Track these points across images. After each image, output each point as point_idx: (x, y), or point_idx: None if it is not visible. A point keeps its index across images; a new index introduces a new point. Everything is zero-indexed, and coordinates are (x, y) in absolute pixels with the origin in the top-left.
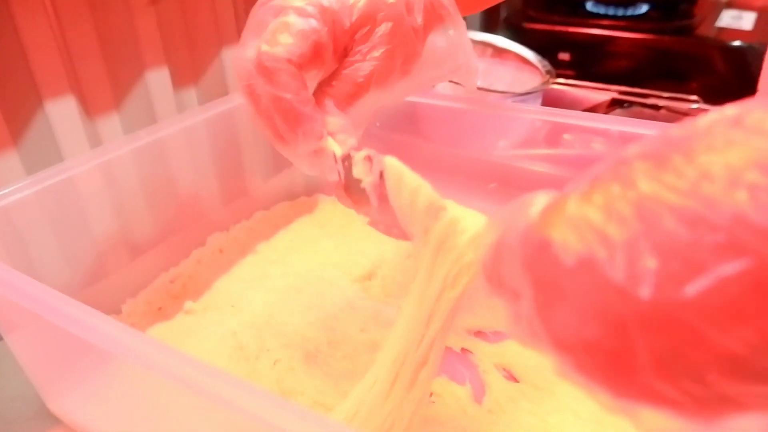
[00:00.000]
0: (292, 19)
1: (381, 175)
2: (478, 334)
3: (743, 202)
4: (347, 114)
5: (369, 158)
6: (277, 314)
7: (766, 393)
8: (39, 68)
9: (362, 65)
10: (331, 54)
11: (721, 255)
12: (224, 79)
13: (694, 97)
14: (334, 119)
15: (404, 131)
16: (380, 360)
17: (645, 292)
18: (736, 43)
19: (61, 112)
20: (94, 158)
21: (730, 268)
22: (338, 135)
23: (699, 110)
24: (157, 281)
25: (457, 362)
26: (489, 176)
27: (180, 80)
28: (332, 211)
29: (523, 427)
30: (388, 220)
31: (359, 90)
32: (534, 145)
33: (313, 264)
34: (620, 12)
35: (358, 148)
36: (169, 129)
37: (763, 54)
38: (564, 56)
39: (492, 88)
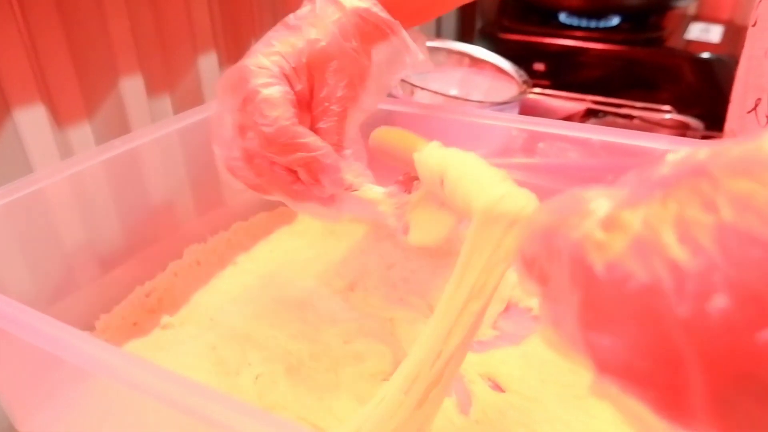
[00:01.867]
0: (268, 92)
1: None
2: None
3: None
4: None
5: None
6: (258, 327)
7: None
8: (7, 75)
9: (332, 119)
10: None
11: None
12: (200, 86)
13: (666, 107)
14: (355, 165)
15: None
16: (393, 376)
17: (715, 332)
18: (705, 55)
19: (30, 121)
20: (64, 169)
21: None
22: (359, 178)
23: (672, 120)
24: (131, 295)
25: None
26: None
27: (154, 88)
28: (312, 221)
29: None
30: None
31: (340, 137)
32: (511, 154)
33: (293, 275)
34: (593, 24)
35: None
36: (143, 139)
37: (730, 66)
38: (539, 66)
39: (469, 97)
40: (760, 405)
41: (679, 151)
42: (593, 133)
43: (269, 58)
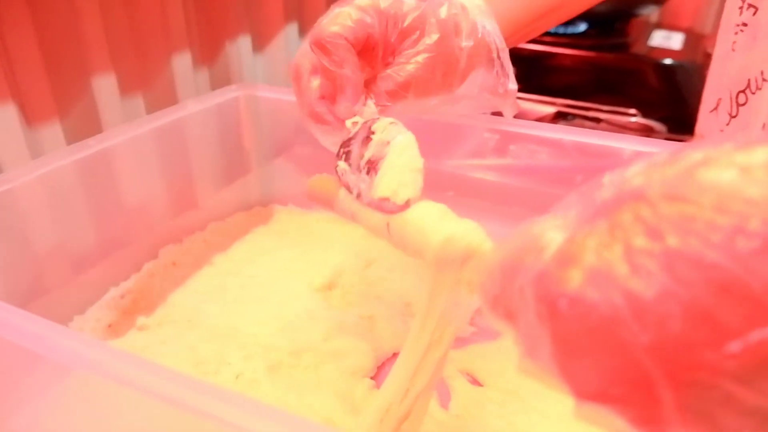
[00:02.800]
0: (352, 10)
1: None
2: None
3: None
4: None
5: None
6: (237, 326)
7: None
8: None
9: (405, 67)
10: (380, 53)
11: (754, 319)
12: (174, 86)
13: (632, 111)
14: (370, 108)
15: None
16: (364, 412)
17: (676, 352)
18: (667, 61)
19: (0, 120)
20: (35, 169)
21: (763, 333)
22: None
23: (637, 123)
24: (106, 296)
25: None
26: (444, 185)
27: (127, 87)
28: (288, 221)
29: (492, 429)
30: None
31: (399, 91)
32: (483, 155)
33: (271, 275)
34: (561, 30)
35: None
36: (116, 139)
37: (690, 71)
38: None
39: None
40: (724, 410)
41: (615, 172)
42: (563, 133)
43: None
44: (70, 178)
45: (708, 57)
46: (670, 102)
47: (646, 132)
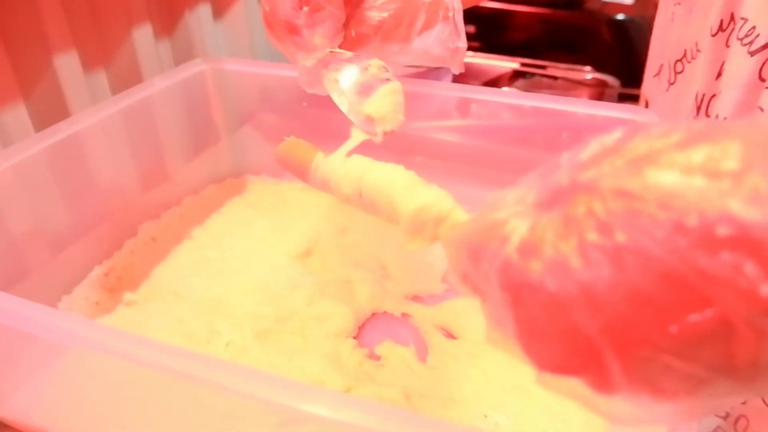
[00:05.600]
0: None
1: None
2: (416, 298)
3: (690, 253)
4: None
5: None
6: (223, 297)
7: (695, 375)
8: None
9: (373, 14)
10: None
11: (689, 304)
12: (136, 59)
13: (587, 68)
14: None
15: (328, 108)
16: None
17: (623, 332)
18: (620, 16)
19: None
20: (7, 158)
21: (695, 317)
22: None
23: (592, 79)
24: (91, 275)
25: (398, 326)
26: (410, 149)
27: (90, 63)
28: (262, 191)
29: (467, 378)
30: None
31: (369, 34)
32: (446, 116)
33: (250, 245)
34: None
35: None
36: (84, 122)
37: (642, 27)
38: (469, 29)
39: (404, 62)
40: (664, 377)
41: (571, 153)
42: (523, 99)
43: None
44: (43, 165)
45: None
46: (622, 56)
47: (601, 87)
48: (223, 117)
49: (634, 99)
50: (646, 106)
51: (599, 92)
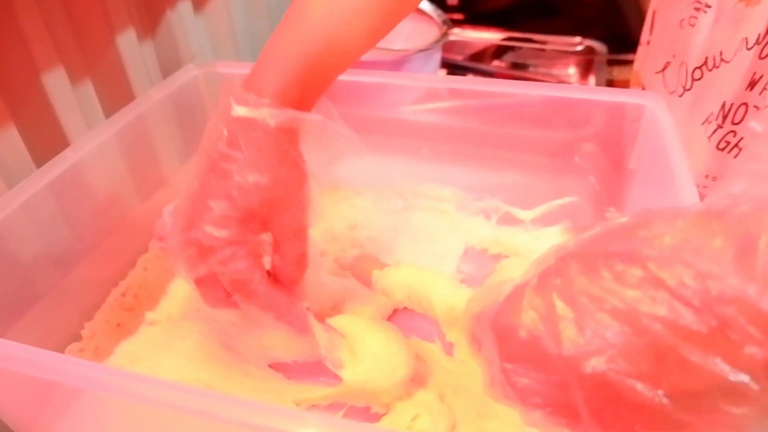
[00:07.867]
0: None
1: None
2: None
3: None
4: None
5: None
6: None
7: None
8: None
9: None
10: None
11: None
12: (122, 66)
13: (577, 39)
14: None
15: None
16: None
17: (591, 382)
18: None
19: None
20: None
21: (636, 341)
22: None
23: (584, 51)
24: (109, 298)
25: (421, 321)
26: (400, 132)
27: (76, 76)
28: None
29: None
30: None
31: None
32: (437, 98)
33: None
34: None
35: None
36: (84, 149)
37: None
38: (452, 0)
39: (392, 46)
40: (621, 417)
41: (560, 245)
42: (513, 87)
43: (217, 230)
44: (48, 200)
45: None
46: (607, 20)
47: (588, 54)
48: None
49: (622, 64)
50: (643, 88)
51: (587, 60)
